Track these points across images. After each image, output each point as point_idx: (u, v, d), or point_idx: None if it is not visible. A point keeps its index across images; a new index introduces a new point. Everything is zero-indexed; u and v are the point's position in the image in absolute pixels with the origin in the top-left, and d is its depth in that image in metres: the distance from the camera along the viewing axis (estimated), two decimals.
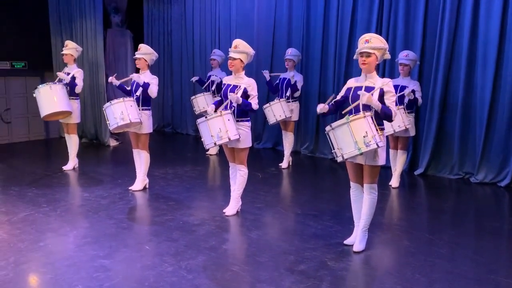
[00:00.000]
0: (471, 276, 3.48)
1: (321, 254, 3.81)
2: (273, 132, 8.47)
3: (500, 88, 5.97)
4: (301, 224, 4.59)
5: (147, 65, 5.43)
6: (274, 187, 6.03)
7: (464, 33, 6.17)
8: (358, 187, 3.91)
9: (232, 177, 4.82)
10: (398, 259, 3.84)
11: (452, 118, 6.41)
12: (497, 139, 6.04)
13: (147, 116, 5.42)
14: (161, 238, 4.13)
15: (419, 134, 6.61)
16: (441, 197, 5.70)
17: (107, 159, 7.92)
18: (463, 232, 4.48)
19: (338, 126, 3.56)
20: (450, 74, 6.39)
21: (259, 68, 8.55)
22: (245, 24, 8.75)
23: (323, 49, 7.71)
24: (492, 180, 6.11)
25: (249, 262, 3.69)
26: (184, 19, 10.14)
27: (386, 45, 3.68)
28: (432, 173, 6.61)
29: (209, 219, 4.64)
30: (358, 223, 3.94)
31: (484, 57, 6.03)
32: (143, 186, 5.67)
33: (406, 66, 5.80)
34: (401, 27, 6.73)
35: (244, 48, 4.54)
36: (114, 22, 11.07)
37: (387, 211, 5.17)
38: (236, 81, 4.61)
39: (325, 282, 3.31)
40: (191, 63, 10.08)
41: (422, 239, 4.24)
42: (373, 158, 3.68)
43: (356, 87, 3.77)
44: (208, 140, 4.45)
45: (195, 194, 5.57)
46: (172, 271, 3.46)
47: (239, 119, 4.56)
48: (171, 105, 10.75)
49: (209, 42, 9.56)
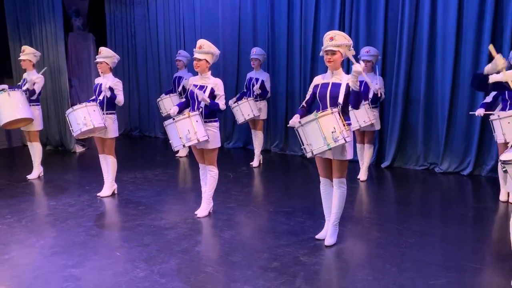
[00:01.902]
0: (439, 263, 3.59)
1: (294, 250, 3.85)
2: (243, 132, 8.48)
3: (459, 80, 6.19)
4: (274, 221, 4.62)
5: (109, 68, 5.32)
6: (245, 186, 6.04)
7: (424, 27, 6.36)
8: (328, 182, 3.97)
9: (203, 178, 4.80)
10: (369, 251, 3.91)
11: (415, 111, 6.60)
12: (458, 130, 6.26)
13: (112, 120, 5.31)
14: (132, 244, 4.06)
15: (384, 128, 6.77)
16: (408, 188, 5.85)
17: (74, 166, 7.72)
18: (431, 221, 4.62)
19: (307, 122, 3.60)
20: (412, 68, 6.57)
21: (226, 68, 8.55)
22: (210, 24, 8.71)
23: (289, 48, 7.77)
24: (455, 169, 6.33)
25: (223, 262, 3.69)
26: (147, 21, 10.00)
27: (350, 41, 3.74)
28: (399, 165, 6.79)
29: (180, 222, 4.60)
30: (329, 218, 4.00)
31: (443, 50, 6.24)
32: (111, 192, 5.56)
33: (369, 62, 5.92)
34: (363, 23, 6.87)
35: (209, 48, 4.51)
36: (75, 26, 10.80)
37: (357, 204, 5.27)
38: (202, 82, 4.58)
39: (299, 278, 3.34)
40: (157, 65, 9.95)
41: (392, 230, 4.34)
42: (341, 153, 3.74)
43: (323, 84, 3.82)
44: (176, 142, 4.41)
45: (165, 198, 5.50)
46: (144, 276, 3.41)
47: (207, 119, 4.54)
48: (137, 108, 10.58)
49: (174, 43, 9.47)
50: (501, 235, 4.11)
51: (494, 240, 4.18)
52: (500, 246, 3.86)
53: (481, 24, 5.93)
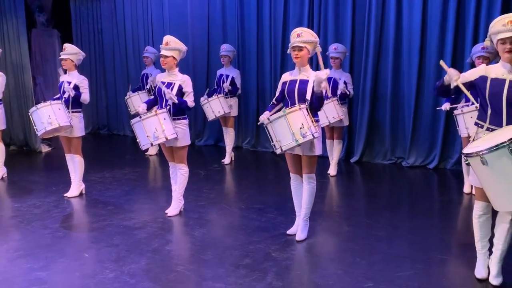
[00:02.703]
0: (407, 255, 3.68)
1: (266, 246, 3.86)
2: (214, 129, 8.43)
3: (424, 76, 6.35)
4: (245, 218, 4.62)
5: (74, 65, 5.18)
6: (217, 183, 6.01)
7: (390, 24, 6.48)
8: (298, 178, 4.00)
9: (173, 176, 4.75)
10: (339, 245, 3.97)
11: (382, 107, 6.74)
12: (424, 124, 6.44)
13: (78, 118, 5.18)
14: (101, 244, 3.98)
15: (353, 123, 6.88)
16: (376, 182, 5.97)
17: (39, 166, 7.50)
18: (398, 214, 4.73)
19: (276, 119, 3.62)
20: (379, 64, 6.70)
21: (196, 65, 8.48)
22: (178, 20, 8.61)
23: (259, 44, 7.77)
24: (422, 163, 6.51)
25: (194, 261, 3.66)
26: (114, 17, 9.79)
27: (317, 39, 3.78)
28: (367, 160, 6.91)
29: (151, 221, 4.54)
30: (300, 213, 4.03)
31: (409, 47, 6.39)
32: (79, 192, 5.44)
33: (337, 59, 5.99)
34: (331, 20, 6.94)
35: (176, 45, 4.46)
36: (39, 22, 10.45)
37: (327, 199, 5.34)
38: (170, 79, 4.53)
39: (270, 274, 3.36)
40: (125, 62, 9.76)
41: (361, 223, 4.42)
42: (310, 149, 3.77)
43: (291, 80, 3.85)
44: (144, 141, 4.34)
45: (135, 197, 5.42)
46: (114, 277, 3.35)
47: (176, 117, 4.48)
48: (105, 106, 10.36)
49: (142, 40, 9.31)
50: (465, 226, 4.24)
51: (459, 231, 4.31)
52: (464, 237, 3.99)
53: (445, 22, 6.12)
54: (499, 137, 2.72)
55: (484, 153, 2.64)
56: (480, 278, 3.20)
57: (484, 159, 2.64)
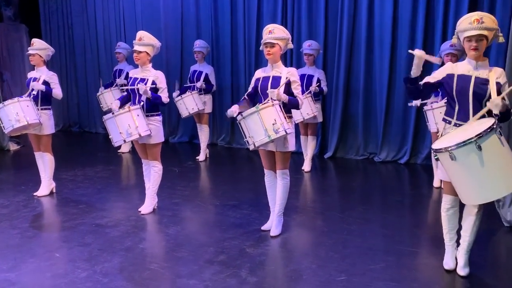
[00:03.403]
0: (378, 248, 3.76)
1: (240, 242, 3.87)
2: (189, 126, 8.37)
3: (396, 73, 6.48)
4: (220, 215, 4.61)
5: (42, 61, 5.05)
6: (192, 181, 5.98)
7: (362, 21, 6.58)
8: (272, 174, 4.02)
9: (146, 174, 4.69)
10: (312, 240, 4.02)
11: (355, 103, 6.84)
12: (395, 120, 6.57)
13: (48, 116, 5.06)
14: (73, 244, 3.91)
15: (327, 119, 6.96)
16: (349, 177, 6.07)
17: (7, 164, 7.28)
18: (370, 208, 4.82)
19: (249, 115, 3.62)
20: (352, 61, 6.79)
21: (169, 61, 8.39)
22: (151, 15, 8.49)
23: (233, 40, 7.75)
24: (393, 158, 6.64)
25: (168, 258, 3.64)
26: (85, 11, 9.57)
27: (289, 35, 3.80)
28: (341, 155, 7.01)
29: (124, 220, 4.48)
30: (274, 209, 4.05)
31: (381, 44, 6.50)
32: (49, 191, 5.31)
33: (311, 56, 6.04)
34: (304, 17, 6.99)
35: (149, 40, 4.40)
36: (6, 16, 10.12)
37: (301, 194, 5.39)
38: (143, 74, 4.47)
39: (245, 269, 3.37)
40: (96, 58, 9.57)
41: (334, 218, 4.48)
42: (283, 145, 3.80)
43: (264, 77, 3.86)
44: (116, 138, 4.27)
45: (107, 195, 5.33)
46: (86, 276, 3.30)
47: (149, 113, 4.43)
48: (76, 103, 10.13)
49: (114, 35, 9.14)
50: (435, 219, 4.36)
51: (429, 225, 4.42)
52: (434, 230, 4.09)
53: (415, 20, 6.25)
54: (467, 132, 2.80)
55: (453, 149, 2.71)
56: (448, 269, 3.30)
57: (453, 155, 2.72)
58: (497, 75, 3.02)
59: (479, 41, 2.99)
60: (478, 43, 2.99)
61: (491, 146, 2.66)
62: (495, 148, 2.68)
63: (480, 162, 2.65)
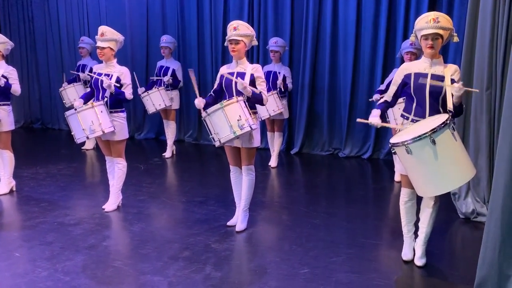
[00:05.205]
0: (341, 241, 3.86)
1: (205, 238, 3.89)
2: (155, 122, 8.28)
3: (359, 70, 6.63)
4: (186, 211, 4.61)
5: (1, 55, 4.89)
6: (157, 177, 5.93)
7: (327, 20, 6.69)
8: (237, 170, 4.05)
9: (110, 171, 4.63)
10: (277, 234, 4.08)
11: (320, 100, 6.96)
12: (358, 116, 6.54)
13: (7, 112, 4.90)
14: (33, 243, 3.82)
15: (293, 116, 7.06)
16: (315, 172, 6.17)
17: None
18: (335, 202, 4.93)
19: (213, 111, 3.64)
20: (317, 58, 6.90)
21: (134, 56, 8.27)
22: (115, 9, 8.34)
23: (199, 36, 7.72)
24: (357, 153, 6.80)
25: (132, 255, 3.61)
26: (47, 4, 9.28)
27: (253, 32, 3.84)
28: (307, 151, 7.13)
29: (87, 218, 4.41)
30: (240, 204, 4.09)
31: (345, 42, 6.63)
32: (9, 189, 5.16)
33: (277, 53, 6.10)
34: (270, 14, 7.04)
35: (112, 35, 4.33)
36: None
37: (268, 190, 5.45)
38: (107, 70, 4.40)
39: (209, 265, 3.39)
40: (59, 52, 9.31)
41: (299, 212, 4.55)
42: (248, 141, 3.83)
43: (229, 73, 3.87)
44: (79, 134, 4.20)
45: (70, 193, 5.23)
46: (47, 275, 3.24)
47: (113, 110, 4.37)
48: (38, 99, 9.84)
49: (78, 29, 8.91)
50: (396, 213, 4.46)
51: (390, 218, 4.56)
52: (394, 222, 4.22)
53: (377, 19, 6.41)
54: (422, 127, 2.92)
55: (409, 143, 2.82)
56: (406, 260, 3.43)
57: (409, 148, 2.83)
58: (451, 71, 3.15)
59: (435, 39, 3.11)
60: (434, 42, 3.11)
61: (444, 141, 2.78)
62: (448, 142, 2.81)
63: (434, 155, 2.77)
